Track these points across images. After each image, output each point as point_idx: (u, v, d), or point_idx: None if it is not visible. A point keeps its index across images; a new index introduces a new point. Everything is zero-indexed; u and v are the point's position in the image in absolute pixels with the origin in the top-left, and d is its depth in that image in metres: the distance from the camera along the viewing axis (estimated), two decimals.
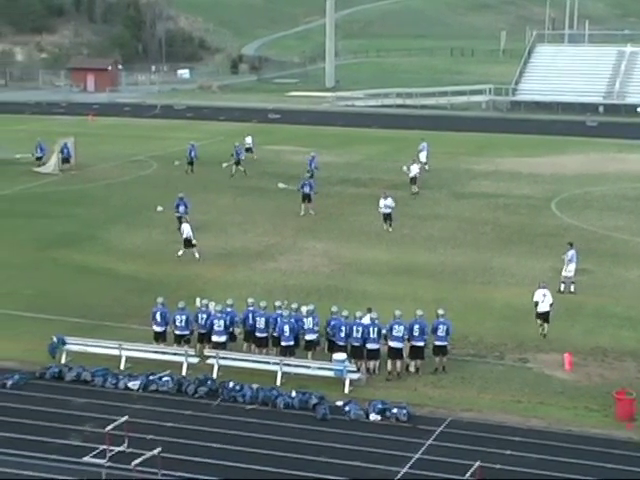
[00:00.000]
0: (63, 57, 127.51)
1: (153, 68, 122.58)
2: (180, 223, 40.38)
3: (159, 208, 43.85)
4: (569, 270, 33.78)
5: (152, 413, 23.85)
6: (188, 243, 37.92)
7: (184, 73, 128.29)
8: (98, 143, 66.76)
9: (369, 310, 27.15)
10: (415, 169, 51.04)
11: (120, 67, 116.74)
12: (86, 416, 23.64)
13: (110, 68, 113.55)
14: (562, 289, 33.61)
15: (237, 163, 56.02)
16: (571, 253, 33.93)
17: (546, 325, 29.62)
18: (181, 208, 41.82)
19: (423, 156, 56.70)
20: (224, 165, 55.79)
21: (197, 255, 37.87)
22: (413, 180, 50.69)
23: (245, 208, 47.37)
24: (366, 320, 26.60)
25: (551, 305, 29.68)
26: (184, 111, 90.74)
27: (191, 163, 56.58)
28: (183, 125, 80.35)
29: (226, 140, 61.08)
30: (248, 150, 61.14)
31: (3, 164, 58.38)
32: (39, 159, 58.05)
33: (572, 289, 33.73)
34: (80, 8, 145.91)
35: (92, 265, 37.20)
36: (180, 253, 37.86)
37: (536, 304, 29.85)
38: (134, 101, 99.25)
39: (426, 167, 55.19)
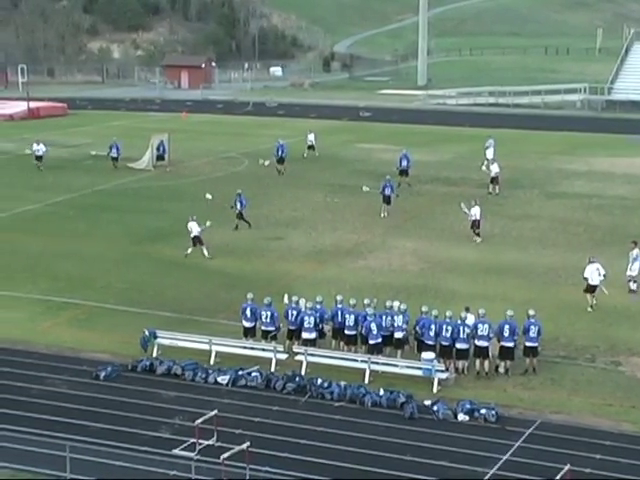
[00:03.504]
0: (158, 54, 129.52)
1: (246, 65, 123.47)
2: (238, 219, 41.59)
3: (208, 196, 44.22)
4: (633, 269, 33.46)
5: (241, 408, 24.05)
6: (197, 241, 37.85)
7: (276, 70, 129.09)
8: (191, 139, 67.53)
9: (467, 309, 27.02)
10: (495, 168, 50.42)
11: (213, 64, 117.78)
12: (176, 409, 23.98)
13: (204, 65, 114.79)
14: (633, 288, 33.42)
15: (279, 161, 55.44)
16: (635, 252, 33.53)
17: (592, 297, 31.24)
18: (238, 204, 42.27)
19: (490, 153, 55.95)
20: (266, 163, 55.73)
21: (206, 253, 37.68)
22: (495, 180, 50.12)
23: (335, 206, 47.44)
24: (469, 320, 26.50)
25: (604, 276, 31.10)
26: (276, 108, 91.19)
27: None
28: (275, 122, 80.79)
29: (318, 137, 61.38)
30: (310, 147, 61.15)
31: (98, 160, 59.45)
32: (114, 159, 57.26)
33: (634, 287, 33.33)
34: (175, 6, 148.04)
35: (183, 260, 37.64)
36: (189, 251, 37.70)
37: (586, 279, 31.10)
38: (227, 98, 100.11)
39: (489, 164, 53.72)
